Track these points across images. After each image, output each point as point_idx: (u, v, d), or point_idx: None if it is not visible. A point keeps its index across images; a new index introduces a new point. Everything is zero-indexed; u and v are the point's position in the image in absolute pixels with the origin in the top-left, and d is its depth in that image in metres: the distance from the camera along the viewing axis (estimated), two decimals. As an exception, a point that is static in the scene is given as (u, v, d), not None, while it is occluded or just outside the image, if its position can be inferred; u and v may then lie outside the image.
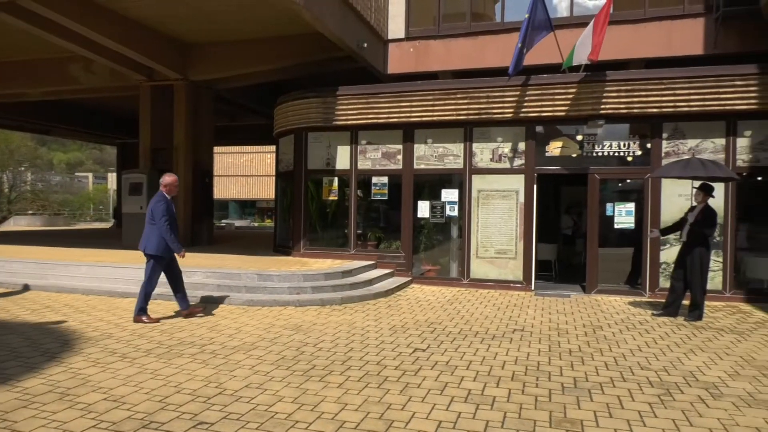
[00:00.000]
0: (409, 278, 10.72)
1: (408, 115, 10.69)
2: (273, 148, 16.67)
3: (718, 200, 9.22)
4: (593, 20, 9.45)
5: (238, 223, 35.35)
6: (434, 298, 9.32)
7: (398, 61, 12.64)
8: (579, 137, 10.10)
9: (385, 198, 11.21)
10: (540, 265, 11.43)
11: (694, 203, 8.02)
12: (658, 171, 8.42)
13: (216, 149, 19.98)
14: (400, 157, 11.03)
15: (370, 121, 10.95)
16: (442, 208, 10.78)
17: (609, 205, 9.95)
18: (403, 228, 10.96)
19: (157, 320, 7.23)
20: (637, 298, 9.54)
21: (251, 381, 4.95)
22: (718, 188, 9.22)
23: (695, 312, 7.73)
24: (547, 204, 13.87)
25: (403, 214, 10.97)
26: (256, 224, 36.95)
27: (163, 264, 7.22)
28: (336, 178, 11.53)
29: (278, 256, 11.95)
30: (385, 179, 11.17)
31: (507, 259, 10.39)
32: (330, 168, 11.55)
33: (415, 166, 10.92)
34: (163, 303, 8.37)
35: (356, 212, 11.37)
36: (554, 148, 10.24)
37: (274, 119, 12.63)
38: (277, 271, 9.28)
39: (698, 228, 7.70)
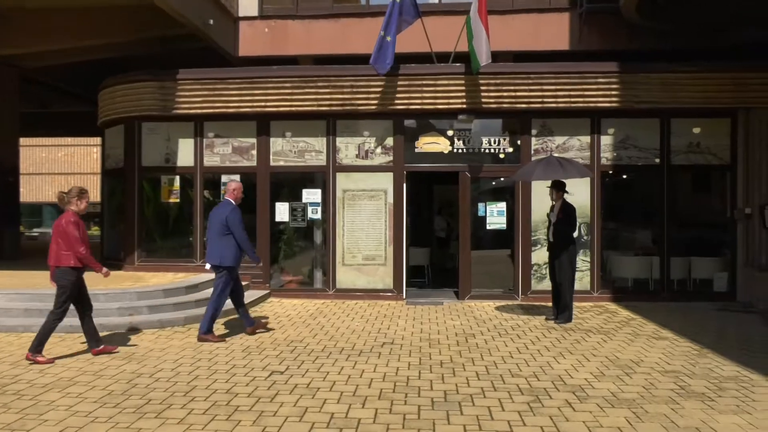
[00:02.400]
0: (267, 291, 10.60)
1: (263, 104, 10.56)
2: (99, 140, 15.56)
3: (583, 199, 10.24)
4: (477, 12, 9.89)
5: (55, 231, 32.42)
6: (295, 313, 9.30)
7: (251, 42, 12.43)
8: (450, 132, 10.65)
9: (238, 200, 10.95)
10: (412, 271, 11.87)
11: (552, 202, 8.83)
12: (518, 174, 9.15)
13: (23, 141, 18.17)
14: (254, 152, 10.87)
15: (218, 110, 10.66)
16: (304, 210, 10.78)
17: (481, 205, 10.61)
18: (259, 234, 10.79)
19: (224, 340, 7.42)
20: (510, 302, 10.27)
21: (67, 425, 4.58)
22: (584, 187, 10.23)
23: (565, 314, 8.51)
24: (419, 204, 14.45)
25: (258, 218, 10.80)
26: (79, 233, 34.11)
27: (235, 275, 7.57)
28: (177, 177, 11.11)
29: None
30: (236, 178, 10.77)
31: (376, 265, 10.65)
32: (170, 165, 11.10)
33: (272, 163, 10.82)
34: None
35: (203, 216, 10.95)
36: (424, 143, 10.69)
37: (99, 106, 11.81)
38: (104, 289, 8.71)
39: (561, 226, 8.50)
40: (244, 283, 10.34)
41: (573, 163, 8.93)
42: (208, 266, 7.64)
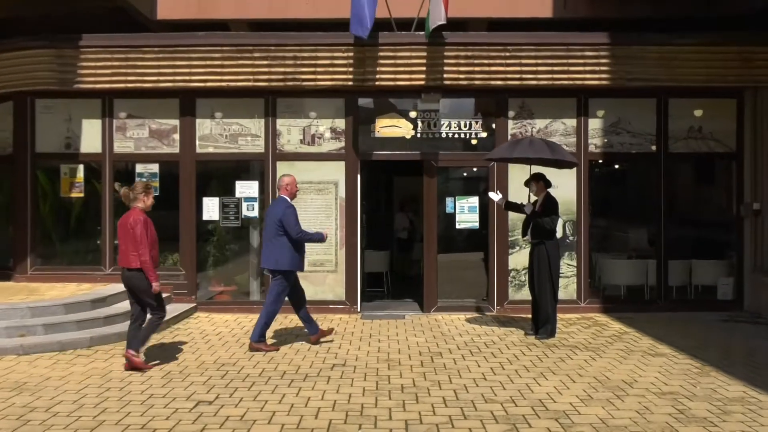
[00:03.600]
0: (193, 304, 10.51)
1: (187, 78, 10.40)
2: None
3: (569, 193, 10.43)
4: None
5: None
6: (228, 331, 9.23)
7: (172, 3, 12.20)
8: (413, 114, 10.72)
9: (156, 194, 10.69)
10: (369, 279, 11.89)
11: (534, 197, 8.98)
12: (495, 152, 9.25)
13: None
14: (176, 136, 10.75)
15: (131, 85, 10.46)
16: (237, 206, 10.70)
17: (449, 200, 10.71)
18: (183, 235, 10.69)
19: (277, 348, 8.12)
20: (484, 315, 10.39)
21: (-59, 472, 4.44)
22: (570, 179, 10.41)
23: (547, 327, 8.67)
24: (376, 200, 14.47)
25: (181, 217, 10.69)
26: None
27: (291, 280, 8.21)
28: (81, 166, 10.94)
29: (-8, 281, 10.94)
30: (155, 167, 10.81)
31: (325, 272, 10.64)
32: (72, 151, 10.91)
33: (199, 150, 10.72)
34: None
35: (113, 215, 10.77)
36: (382, 127, 10.73)
37: (-19, 78, 11.47)
38: (-12, 305, 8.52)
39: (540, 220, 8.63)
40: (165, 295, 10.26)
41: (560, 147, 9.10)
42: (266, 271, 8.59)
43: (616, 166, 11.47)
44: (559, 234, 9.71)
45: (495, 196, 9.40)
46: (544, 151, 8.50)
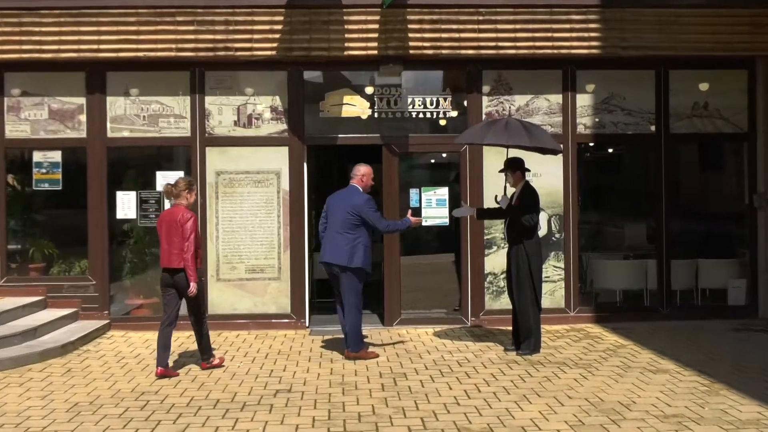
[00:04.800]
0: (106, 321, 10.42)
1: (95, 47, 10.25)
2: None
3: (554, 182, 10.52)
4: None
5: None
6: (148, 352, 9.14)
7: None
8: (369, 90, 10.72)
9: (59, 188, 10.72)
10: (319, 287, 11.84)
11: (511, 188, 9.04)
12: (465, 135, 9.29)
13: None
14: (82, 117, 10.62)
15: (26, 55, 10.29)
16: (159, 202, 10.60)
17: (414, 192, 10.72)
18: (92, 238, 10.56)
19: (377, 354, 8.78)
20: (456, 327, 10.43)
21: None
22: (555, 166, 10.49)
23: (530, 341, 8.73)
24: (327, 192, 14.38)
25: (90, 215, 10.56)
26: None
27: (363, 279, 8.71)
28: (-34, 155, 10.74)
29: None
30: (57, 156, 10.67)
31: (266, 280, 10.60)
32: (-47, 137, 10.70)
33: (110, 134, 10.60)
34: None
35: (5, 213, 10.68)
36: (333, 105, 10.69)
37: None
38: None
39: (518, 215, 8.68)
40: (68, 311, 10.15)
41: (542, 131, 9.16)
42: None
43: (610, 150, 11.59)
44: (543, 231, 9.81)
45: (463, 211, 9.59)
46: (521, 136, 8.53)
